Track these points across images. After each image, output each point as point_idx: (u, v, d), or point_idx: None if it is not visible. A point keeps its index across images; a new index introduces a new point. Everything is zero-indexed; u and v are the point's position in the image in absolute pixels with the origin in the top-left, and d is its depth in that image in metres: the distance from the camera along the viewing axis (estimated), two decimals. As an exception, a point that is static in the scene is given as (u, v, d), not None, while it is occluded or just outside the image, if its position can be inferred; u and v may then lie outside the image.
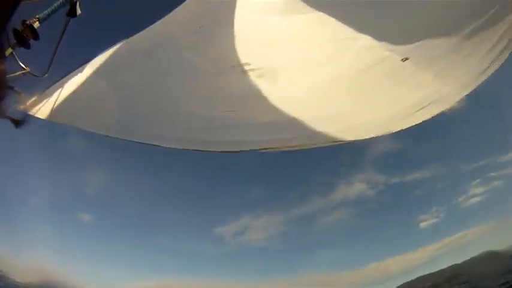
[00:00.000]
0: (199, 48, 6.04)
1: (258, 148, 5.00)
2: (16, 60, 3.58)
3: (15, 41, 3.40)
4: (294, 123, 5.07)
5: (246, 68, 5.97)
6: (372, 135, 4.60)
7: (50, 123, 4.36)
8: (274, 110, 5.39)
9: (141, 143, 4.64)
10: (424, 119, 4.19)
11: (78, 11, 3.70)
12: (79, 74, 4.98)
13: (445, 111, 4.33)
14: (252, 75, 5.90)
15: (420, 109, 4.29)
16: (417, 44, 5.07)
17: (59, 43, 3.78)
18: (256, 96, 5.76)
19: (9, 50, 3.31)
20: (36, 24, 3.44)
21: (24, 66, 3.67)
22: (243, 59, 6.05)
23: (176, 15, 5.97)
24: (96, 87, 5.07)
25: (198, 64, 5.92)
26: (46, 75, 3.96)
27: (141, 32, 5.59)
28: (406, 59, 4.96)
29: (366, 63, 5.36)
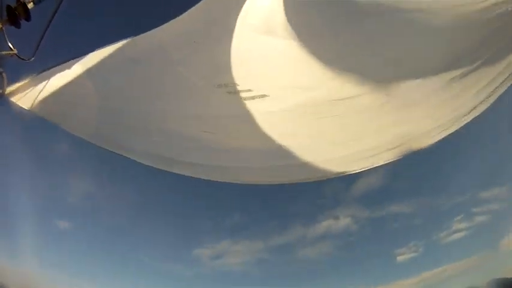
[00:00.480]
0: (189, 63, 5.97)
1: (229, 179, 4.91)
2: (5, 38, 3.47)
3: (6, 18, 3.25)
4: (277, 152, 4.98)
5: (234, 89, 5.87)
6: (356, 169, 4.51)
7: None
8: (257, 136, 5.31)
9: (113, 152, 4.53)
10: (398, 157, 4.08)
11: None
12: (67, 70, 4.79)
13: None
14: (239, 98, 5.80)
15: (395, 147, 4.21)
16: (404, 81, 4.99)
17: (48, 26, 3.67)
18: (240, 119, 5.67)
19: (-1, 26, 3.21)
20: (31, 5, 3.31)
21: (12, 47, 3.56)
22: (232, 80, 5.96)
23: (170, 27, 5.94)
24: (82, 87, 4.95)
25: (186, 79, 5.84)
26: (32, 59, 3.84)
27: (134, 38, 5.54)
28: (391, 94, 4.88)
29: (351, 93, 5.27)
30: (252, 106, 5.69)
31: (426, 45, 4.94)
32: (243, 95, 5.85)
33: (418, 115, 4.38)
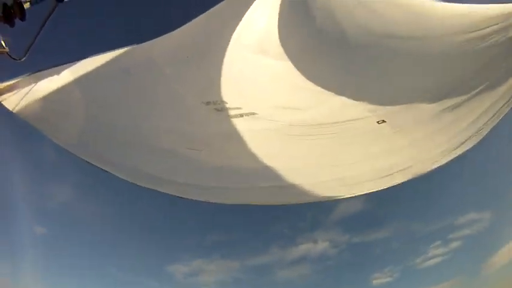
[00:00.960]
0: (180, 78, 5.82)
1: (212, 199, 4.66)
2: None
3: (1, 15, 3.12)
4: (263, 173, 4.76)
5: (222, 106, 5.70)
6: (342, 195, 4.30)
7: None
8: (243, 155, 5.10)
9: (93, 165, 4.24)
10: (392, 185, 3.88)
11: None
12: (56, 75, 4.58)
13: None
14: (227, 115, 5.62)
15: (389, 174, 4.01)
16: (397, 108, 4.89)
17: (41, 29, 3.49)
18: (227, 137, 5.46)
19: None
20: (27, 5, 3.20)
21: (4, 45, 3.37)
22: (221, 97, 5.81)
23: (164, 41, 5.83)
24: (70, 95, 4.69)
25: (176, 94, 5.66)
26: (23, 59, 3.63)
27: (126, 48, 5.38)
28: (383, 121, 4.75)
29: (342, 118, 5.16)
30: (240, 124, 5.49)
31: (422, 72, 4.89)
32: (231, 112, 5.66)
33: (416, 140, 4.20)
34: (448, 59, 4.51)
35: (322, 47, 6.31)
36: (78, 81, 4.81)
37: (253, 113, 5.69)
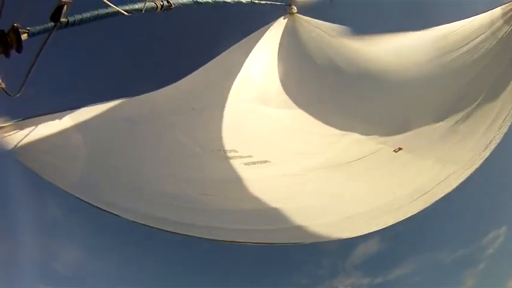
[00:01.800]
0: (186, 127, 5.85)
1: (228, 239, 4.30)
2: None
3: None
4: (275, 215, 4.51)
5: (231, 154, 5.65)
6: (366, 230, 3.97)
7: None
8: (255, 199, 4.90)
9: (98, 207, 3.90)
10: (426, 206, 3.66)
11: (64, 19, 3.43)
12: (57, 120, 4.59)
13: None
14: (237, 162, 5.53)
15: (422, 195, 3.82)
16: (409, 134, 4.95)
17: (34, 61, 3.40)
18: (238, 183, 5.28)
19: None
20: (24, 36, 3.11)
21: (0, 81, 3.25)
22: (229, 145, 5.79)
23: (167, 91, 6.00)
24: (70, 140, 4.65)
25: (182, 142, 5.62)
26: (18, 95, 3.50)
27: (128, 99, 5.47)
28: (400, 149, 4.76)
29: (355, 156, 5.14)
30: (253, 171, 5.38)
31: (422, 96, 5.08)
32: (242, 160, 5.59)
33: (438, 159, 4.14)
34: (445, 78, 4.74)
35: (324, 91, 6.62)
36: (79, 127, 4.76)
37: (266, 161, 5.62)
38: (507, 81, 4.10)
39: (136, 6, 4.28)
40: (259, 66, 7.13)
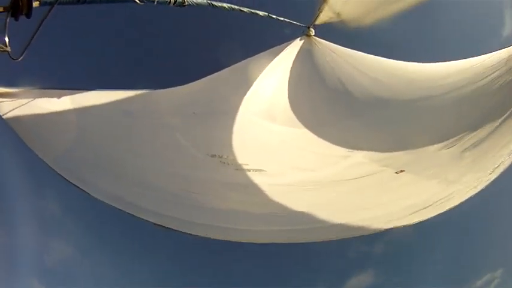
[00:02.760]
0: (184, 129, 5.75)
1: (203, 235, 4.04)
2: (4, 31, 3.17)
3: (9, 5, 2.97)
4: (259, 216, 4.31)
5: (228, 160, 5.48)
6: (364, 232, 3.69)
7: None
8: (241, 200, 4.71)
9: (73, 184, 3.73)
10: (428, 217, 3.35)
11: None
12: (55, 98, 4.58)
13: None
14: (231, 167, 5.35)
15: (421, 209, 3.52)
16: (414, 158, 4.71)
17: (39, 27, 3.42)
18: (231, 187, 5.08)
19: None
20: (36, 4, 3.07)
21: (7, 43, 3.24)
22: (226, 152, 5.63)
23: (171, 94, 6.00)
24: (64, 117, 4.61)
25: (176, 141, 5.50)
26: (20, 58, 3.50)
27: (130, 91, 5.48)
28: (402, 171, 4.49)
29: (355, 175, 4.92)
30: (248, 176, 5.18)
31: (432, 126, 4.89)
32: (236, 166, 5.41)
33: (442, 181, 3.86)
34: (459, 108, 4.59)
35: (331, 114, 6.50)
36: (76, 108, 4.75)
37: (262, 170, 5.42)
38: None
39: None
40: (270, 83, 7.11)
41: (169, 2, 4.57)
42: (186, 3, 4.77)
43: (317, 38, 7.50)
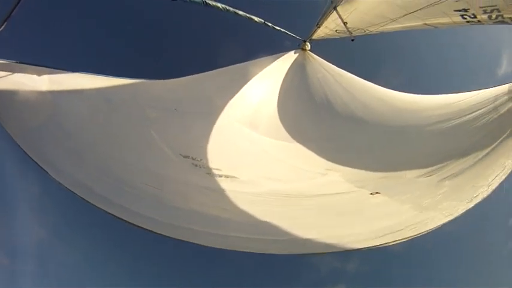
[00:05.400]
0: (161, 125, 5.50)
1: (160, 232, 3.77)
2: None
3: None
4: (217, 221, 4.03)
5: (200, 163, 5.23)
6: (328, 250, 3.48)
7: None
8: (204, 203, 4.47)
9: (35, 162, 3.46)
10: (395, 242, 3.15)
11: None
12: (35, 75, 4.48)
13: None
14: (202, 170, 5.10)
15: (393, 232, 3.33)
16: (391, 183, 4.54)
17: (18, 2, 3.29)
18: (198, 189, 4.82)
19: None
20: None
21: None
22: (200, 155, 5.38)
23: (155, 86, 5.78)
24: (40, 96, 4.47)
25: (151, 136, 5.23)
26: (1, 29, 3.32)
27: (114, 79, 5.27)
28: (377, 193, 4.31)
29: (328, 191, 4.72)
30: (217, 182, 4.94)
31: (413, 153, 4.78)
32: (209, 171, 5.16)
33: (416, 206, 3.68)
34: (442, 140, 4.51)
35: (315, 130, 6.36)
36: (54, 88, 4.56)
37: (233, 176, 5.19)
38: (500, 151, 3.84)
39: None
40: (258, 92, 6.97)
41: None
42: None
43: (312, 53, 7.45)
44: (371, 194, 4.36)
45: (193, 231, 3.87)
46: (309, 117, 6.64)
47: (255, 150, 6.06)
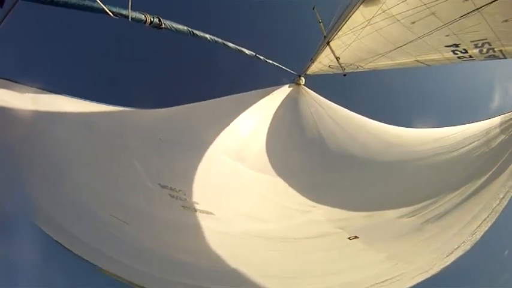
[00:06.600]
0: (142, 153, 5.36)
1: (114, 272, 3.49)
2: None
3: None
4: (179, 264, 3.79)
5: (176, 194, 5.02)
6: None
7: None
8: (186, 248, 4.18)
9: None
10: None
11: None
12: (18, 94, 4.44)
13: None
14: (179, 204, 4.87)
15: (375, 284, 3.02)
16: (372, 225, 4.21)
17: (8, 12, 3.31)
18: (168, 225, 4.58)
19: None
20: None
21: None
22: (180, 186, 5.18)
23: (141, 115, 5.69)
24: (20, 118, 4.36)
25: (131, 164, 5.08)
26: None
27: (99, 105, 5.23)
28: (356, 237, 3.98)
29: (306, 234, 4.41)
30: (191, 217, 4.70)
31: (399, 191, 4.46)
32: (186, 204, 4.93)
33: (393, 256, 3.34)
34: (429, 176, 4.20)
35: (302, 166, 6.11)
36: (36, 109, 4.52)
37: (210, 213, 4.95)
38: (489, 189, 3.53)
39: (124, 11, 4.25)
40: (249, 124, 6.83)
41: (145, 21, 4.43)
42: (164, 26, 4.62)
43: (305, 88, 7.35)
44: (349, 238, 4.02)
45: (148, 275, 3.58)
46: (299, 152, 6.42)
47: (239, 184, 5.82)
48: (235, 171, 5.97)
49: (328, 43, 6.11)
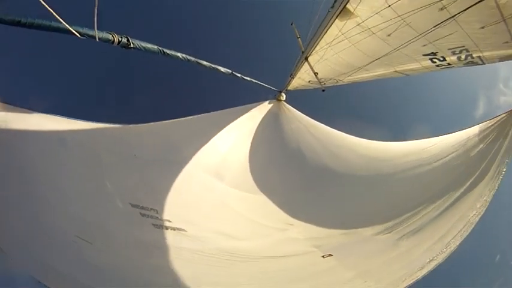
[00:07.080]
0: (115, 171, 5.17)
1: None
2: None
3: None
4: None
5: (147, 212, 4.81)
6: None
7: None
8: (142, 265, 3.93)
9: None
10: None
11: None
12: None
13: None
14: (149, 222, 4.65)
15: None
16: (347, 242, 4.03)
17: None
18: (134, 244, 4.35)
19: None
20: None
21: None
22: (153, 204, 4.97)
23: (116, 131, 5.52)
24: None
25: (101, 182, 4.88)
26: None
27: (73, 121, 5.10)
28: (330, 255, 3.79)
29: (281, 253, 4.20)
30: (161, 235, 4.50)
31: (376, 206, 4.31)
32: (157, 221, 4.72)
33: (362, 274, 3.16)
34: (407, 190, 4.06)
35: (281, 183, 5.96)
36: (6, 127, 4.39)
37: (182, 229, 4.73)
38: (466, 199, 3.40)
39: (91, 32, 4.19)
40: (228, 141, 6.69)
41: (113, 41, 4.35)
42: (132, 45, 4.54)
43: (286, 104, 7.28)
44: (323, 256, 3.82)
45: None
46: (278, 169, 6.28)
47: (215, 201, 5.61)
48: (212, 188, 5.77)
49: (306, 58, 6.08)
